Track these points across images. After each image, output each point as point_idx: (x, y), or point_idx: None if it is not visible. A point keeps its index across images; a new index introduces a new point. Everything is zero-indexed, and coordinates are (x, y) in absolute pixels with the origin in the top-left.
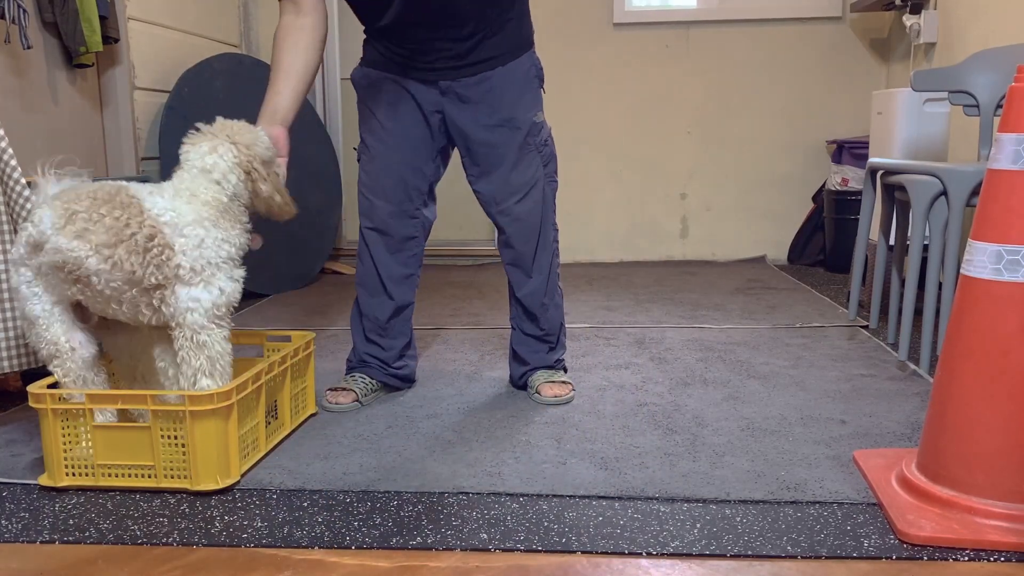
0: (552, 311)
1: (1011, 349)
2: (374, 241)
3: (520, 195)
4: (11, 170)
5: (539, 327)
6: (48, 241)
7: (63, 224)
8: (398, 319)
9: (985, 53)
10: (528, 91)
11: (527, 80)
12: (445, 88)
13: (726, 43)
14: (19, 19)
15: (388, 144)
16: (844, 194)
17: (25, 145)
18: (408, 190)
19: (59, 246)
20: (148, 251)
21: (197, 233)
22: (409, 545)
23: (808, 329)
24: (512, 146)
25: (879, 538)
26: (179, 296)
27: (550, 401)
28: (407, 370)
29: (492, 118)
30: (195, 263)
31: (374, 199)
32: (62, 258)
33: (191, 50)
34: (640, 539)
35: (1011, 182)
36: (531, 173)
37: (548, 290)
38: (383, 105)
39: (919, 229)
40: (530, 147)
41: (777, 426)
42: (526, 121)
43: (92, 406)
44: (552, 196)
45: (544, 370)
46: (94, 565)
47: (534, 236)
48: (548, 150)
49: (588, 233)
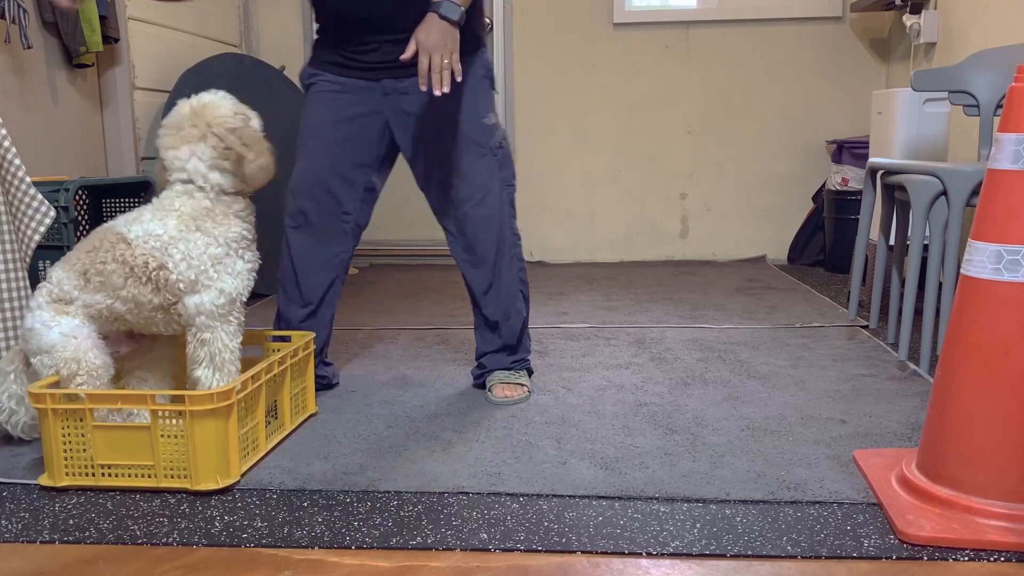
0: (514, 319)
1: (1011, 349)
2: (295, 240)
3: (473, 201)
4: (15, 169)
5: (500, 336)
6: (79, 299)
7: (84, 284)
8: (312, 322)
9: (985, 53)
10: (477, 93)
11: (476, 81)
12: (388, 89)
13: (726, 43)
14: (19, 19)
15: (320, 145)
16: (844, 194)
17: (25, 145)
18: (335, 192)
19: (91, 302)
20: (149, 278)
21: (180, 248)
22: (409, 545)
23: (808, 329)
24: (462, 150)
25: (879, 538)
26: (187, 305)
27: (499, 401)
28: (324, 381)
29: (439, 120)
30: (187, 274)
31: (301, 200)
32: (98, 309)
33: (191, 50)
34: (640, 539)
35: (1011, 182)
36: (485, 177)
37: (511, 297)
38: (322, 104)
39: (919, 229)
40: (483, 150)
41: (777, 426)
42: (476, 122)
43: (92, 406)
44: (510, 201)
45: (501, 371)
46: (94, 565)
47: (492, 244)
48: (503, 153)
49: (588, 233)
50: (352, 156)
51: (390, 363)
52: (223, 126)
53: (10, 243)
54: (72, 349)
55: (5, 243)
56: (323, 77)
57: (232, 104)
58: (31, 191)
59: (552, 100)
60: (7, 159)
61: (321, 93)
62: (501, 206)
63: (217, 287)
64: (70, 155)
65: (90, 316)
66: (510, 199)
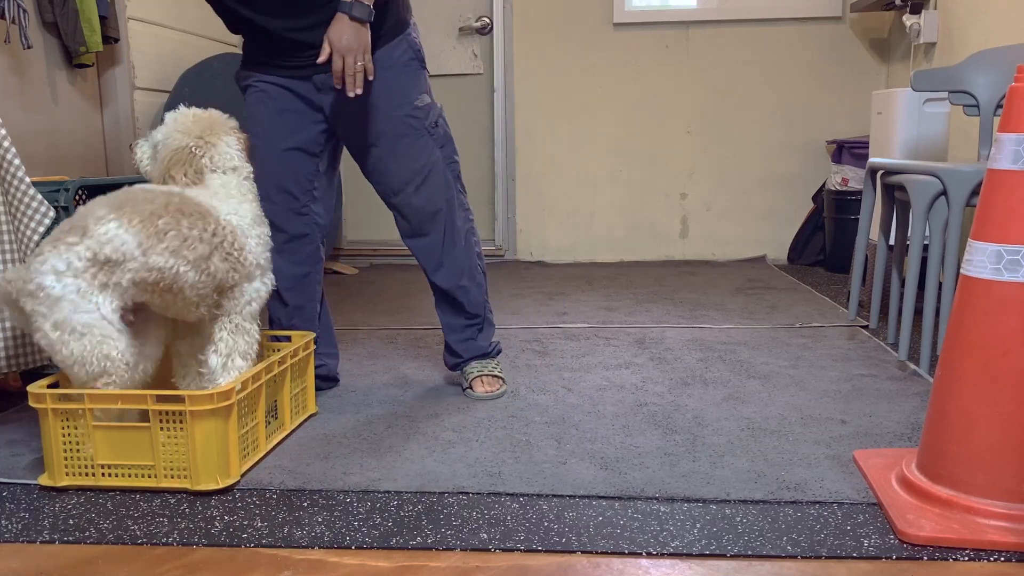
0: (474, 291)
1: (1011, 349)
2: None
3: (417, 182)
4: (15, 169)
5: (462, 311)
6: (135, 260)
7: (154, 243)
8: (298, 320)
9: (985, 53)
10: (406, 74)
11: (403, 65)
12: (320, 83)
13: (726, 43)
14: (19, 19)
15: (267, 146)
16: (844, 194)
17: (25, 145)
18: (290, 189)
19: (155, 265)
20: (231, 256)
21: (257, 232)
22: (409, 545)
23: (808, 329)
24: (397, 133)
25: (879, 538)
26: (245, 291)
27: (482, 397)
28: (324, 369)
29: (371, 109)
30: (259, 259)
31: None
32: (156, 276)
33: (191, 50)
34: (640, 539)
35: (1011, 182)
36: (425, 158)
37: (468, 271)
38: (261, 105)
39: (919, 229)
40: (419, 131)
41: (777, 426)
42: (408, 105)
43: (93, 406)
44: (455, 177)
45: (477, 361)
46: (94, 565)
47: (440, 223)
48: (440, 132)
49: (588, 233)
50: (298, 154)
51: (390, 363)
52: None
53: (10, 243)
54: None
55: (5, 243)
56: (257, 78)
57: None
58: (31, 191)
59: (552, 100)
60: (7, 159)
61: (258, 94)
62: (446, 185)
63: (268, 277)
64: (70, 155)
65: (124, 289)
66: (455, 175)
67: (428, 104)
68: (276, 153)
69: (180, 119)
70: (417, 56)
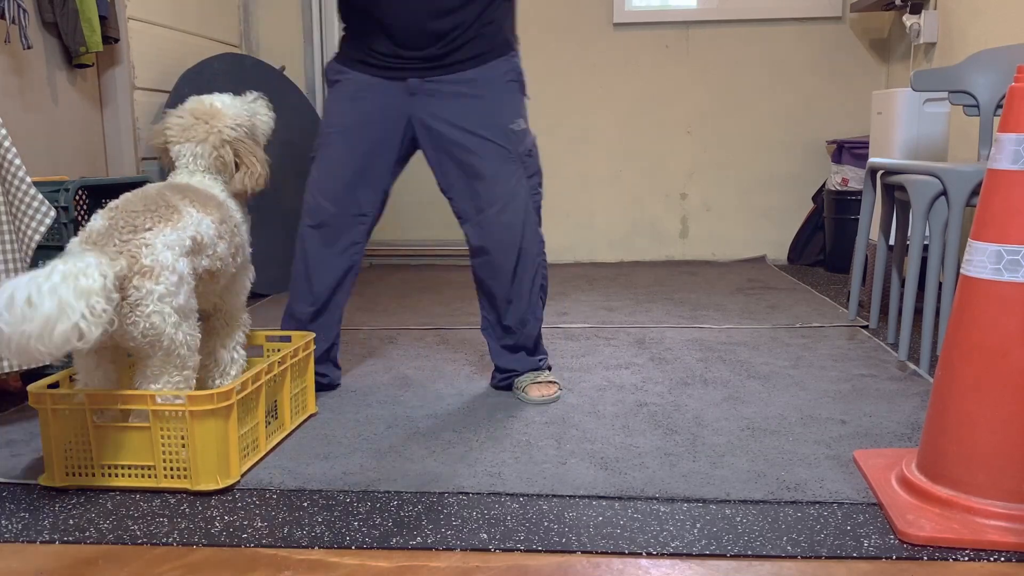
0: (532, 325)
1: (1011, 349)
2: (311, 239)
3: (497, 207)
4: (16, 169)
5: (515, 340)
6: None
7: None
8: (320, 320)
9: (985, 53)
10: (507, 96)
11: (504, 84)
12: (415, 87)
13: (726, 43)
14: (19, 19)
15: (344, 145)
16: (844, 194)
17: (25, 145)
18: (357, 194)
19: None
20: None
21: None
22: (409, 545)
23: (808, 329)
24: (489, 154)
25: (879, 538)
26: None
27: (537, 401)
28: (326, 379)
29: (466, 122)
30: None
31: (321, 199)
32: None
33: (191, 50)
34: (640, 539)
35: (1011, 182)
36: (511, 185)
37: (532, 307)
38: (346, 103)
39: (919, 229)
40: (510, 156)
41: (777, 426)
42: (501, 128)
43: (93, 406)
44: (536, 211)
45: (530, 372)
46: (94, 565)
47: (513, 251)
48: (532, 162)
49: (588, 233)
50: (375, 159)
51: (390, 363)
52: (221, 135)
53: (10, 243)
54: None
55: (5, 243)
56: (349, 76)
57: (236, 112)
58: (31, 191)
59: (552, 100)
60: (7, 159)
61: (346, 92)
62: (526, 213)
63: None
64: (70, 155)
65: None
66: (536, 206)
67: (523, 130)
68: (352, 159)
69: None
70: (518, 79)
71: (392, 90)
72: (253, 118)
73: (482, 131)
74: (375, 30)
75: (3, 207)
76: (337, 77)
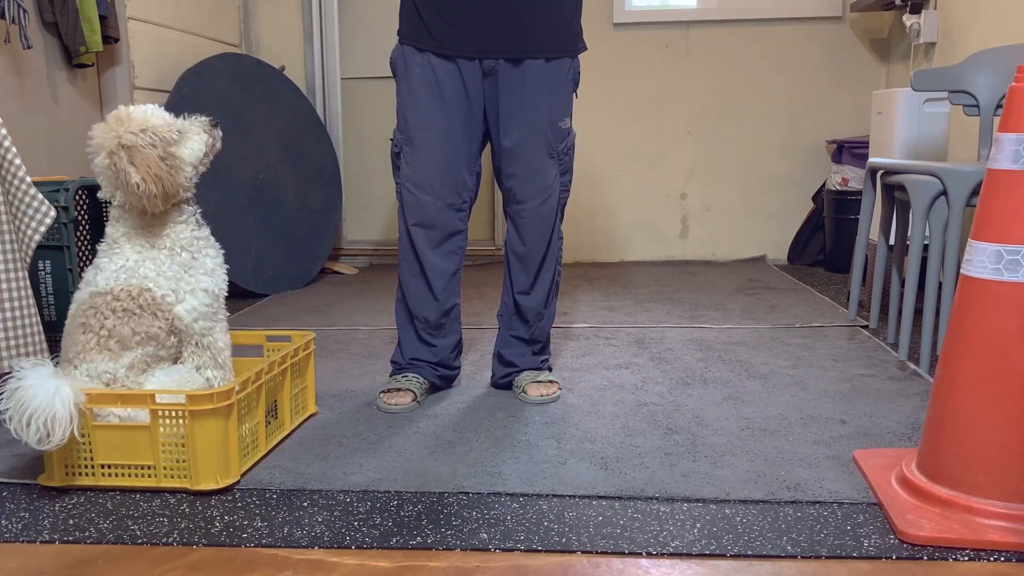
0: (546, 320)
1: (1011, 349)
2: (419, 238)
3: (540, 199)
4: (16, 168)
5: (529, 333)
6: (117, 371)
7: (109, 355)
8: (448, 318)
9: (985, 53)
10: (566, 93)
11: (564, 83)
12: (488, 69)
13: (726, 43)
14: (19, 19)
15: (434, 134)
16: (844, 194)
17: (25, 145)
18: (456, 183)
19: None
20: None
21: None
22: (409, 545)
23: (808, 329)
24: (534, 145)
25: (879, 538)
26: (180, 315)
27: (537, 401)
28: (456, 373)
29: (524, 112)
30: (167, 286)
31: (420, 194)
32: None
33: (191, 50)
34: (640, 539)
35: (1011, 182)
36: (550, 179)
37: (548, 300)
38: (426, 89)
39: (919, 229)
40: (551, 151)
41: (777, 426)
42: (552, 124)
43: (93, 406)
44: (562, 207)
45: (529, 371)
46: (94, 565)
47: (543, 243)
48: (568, 160)
49: (588, 233)
50: (466, 143)
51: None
52: (119, 141)
53: (10, 243)
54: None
55: (5, 243)
56: (420, 60)
57: (143, 120)
58: (31, 191)
59: None
60: (7, 159)
61: (423, 79)
62: (556, 211)
63: (200, 287)
64: (70, 155)
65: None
66: (563, 205)
67: (567, 129)
68: (444, 144)
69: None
70: (576, 81)
71: (466, 72)
72: (182, 135)
73: (538, 123)
74: (447, 10)
75: (3, 207)
76: (407, 62)
